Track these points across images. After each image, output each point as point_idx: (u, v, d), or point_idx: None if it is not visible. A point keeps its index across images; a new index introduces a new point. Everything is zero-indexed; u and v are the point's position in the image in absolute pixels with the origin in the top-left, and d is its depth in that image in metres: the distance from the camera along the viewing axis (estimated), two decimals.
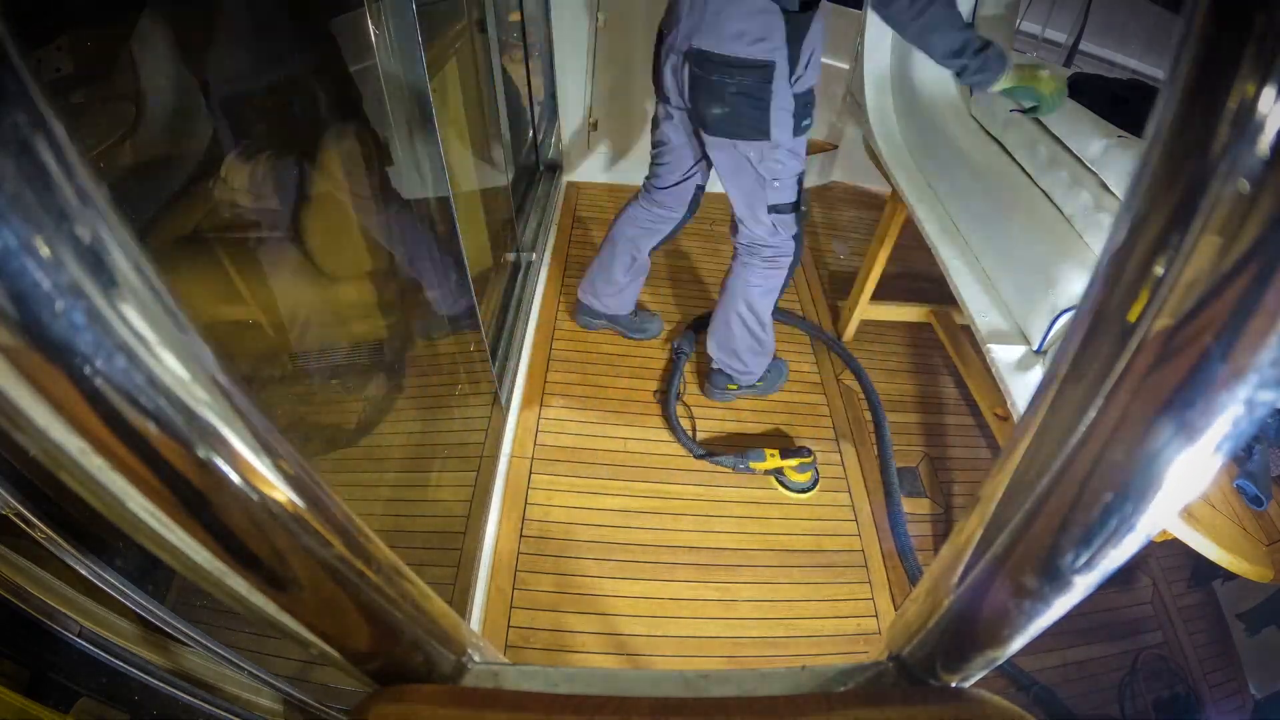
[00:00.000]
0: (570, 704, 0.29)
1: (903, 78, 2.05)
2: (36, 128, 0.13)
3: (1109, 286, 0.19)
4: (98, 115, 0.91)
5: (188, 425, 0.17)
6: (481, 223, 1.93)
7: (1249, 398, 0.16)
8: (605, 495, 1.76)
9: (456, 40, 1.70)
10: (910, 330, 2.44)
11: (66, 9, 0.78)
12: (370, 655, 0.28)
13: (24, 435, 0.15)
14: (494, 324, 1.92)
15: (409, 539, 1.49)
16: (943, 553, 0.29)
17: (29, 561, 0.58)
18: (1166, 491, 0.19)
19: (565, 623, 1.51)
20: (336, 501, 0.23)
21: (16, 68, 0.12)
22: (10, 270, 0.13)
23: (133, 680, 0.66)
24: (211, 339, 0.17)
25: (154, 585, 0.64)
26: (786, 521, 1.78)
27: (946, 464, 2.03)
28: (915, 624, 0.31)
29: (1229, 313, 0.16)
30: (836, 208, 3.24)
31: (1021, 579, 0.24)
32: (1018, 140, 1.61)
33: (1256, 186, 0.15)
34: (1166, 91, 0.16)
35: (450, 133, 1.71)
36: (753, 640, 1.53)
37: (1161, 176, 0.17)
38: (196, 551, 0.19)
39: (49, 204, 0.13)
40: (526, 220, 2.41)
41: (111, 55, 0.89)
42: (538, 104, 2.54)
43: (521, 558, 1.59)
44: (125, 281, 0.15)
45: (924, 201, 1.85)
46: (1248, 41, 0.14)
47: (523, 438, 1.85)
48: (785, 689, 0.32)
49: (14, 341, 0.13)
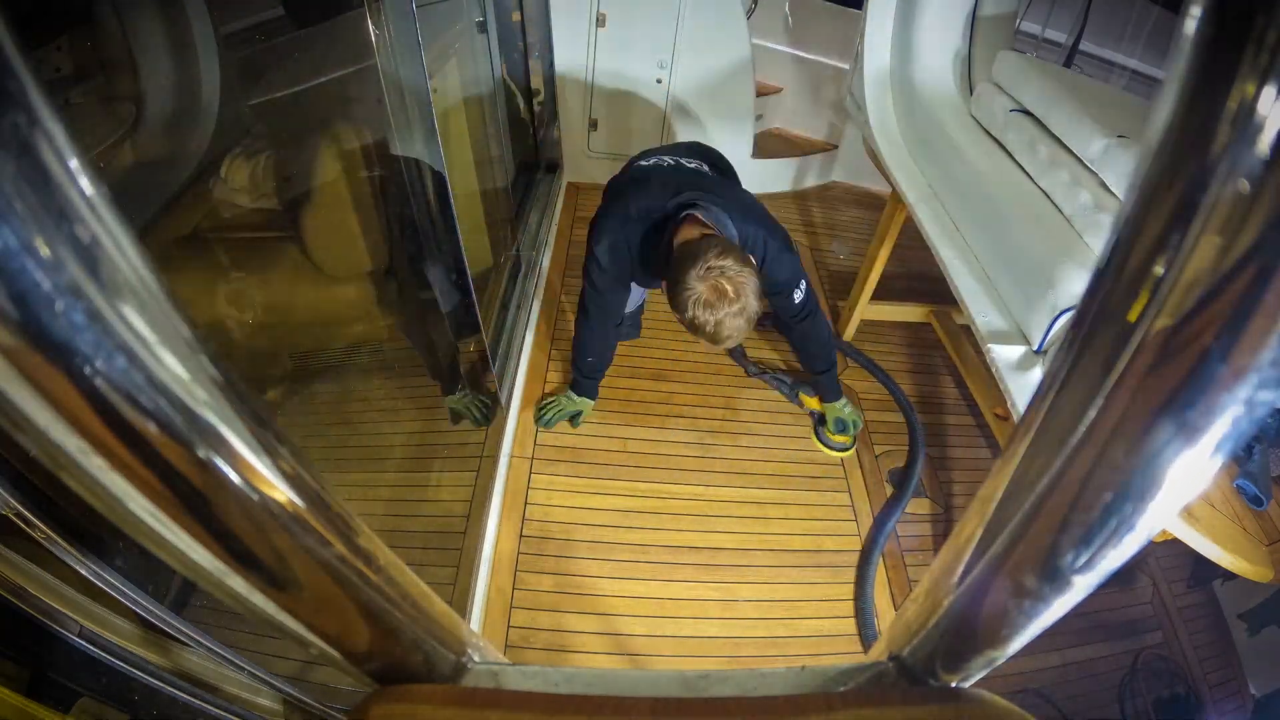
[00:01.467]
0: (570, 704, 0.29)
1: (903, 78, 2.05)
2: (36, 128, 0.13)
3: (1109, 286, 0.19)
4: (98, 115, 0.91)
5: (188, 425, 0.17)
6: (481, 223, 1.93)
7: (1249, 398, 0.16)
8: (605, 495, 1.76)
9: (456, 40, 1.70)
10: (910, 330, 2.44)
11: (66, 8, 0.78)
12: (370, 655, 0.28)
13: (24, 435, 0.15)
14: (494, 324, 1.92)
15: (409, 539, 1.49)
16: (943, 553, 0.29)
17: (29, 561, 0.58)
18: (1166, 491, 0.19)
19: (565, 623, 1.51)
20: (337, 501, 0.23)
21: (16, 68, 0.12)
22: (10, 270, 0.13)
23: (133, 680, 0.66)
24: (211, 339, 0.17)
25: (154, 585, 0.64)
26: (786, 521, 1.78)
27: (946, 464, 2.03)
28: (915, 624, 0.31)
29: (1229, 313, 0.16)
30: (836, 208, 3.24)
31: (1021, 579, 0.24)
32: (1018, 140, 1.61)
33: (1256, 186, 0.15)
34: (1166, 91, 0.16)
35: (450, 133, 1.71)
36: (753, 640, 1.53)
37: (1161, 176, 0.17)
38: (196, 551, 0.19)
39: (49, 204, 0.13)
40: (526, 220, 2.41)
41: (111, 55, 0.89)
42: (538, 104, 2.54)
43: (521, 558, 1.59)
44: (125, 281, 0.15)
45: (924, 201, 1.85)
46: (1248, 41, 0.14)
47: (523, 438, 1.85)
48: (785, 689, 0.32)
49: (14, 341, 0.13)
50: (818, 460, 1.95)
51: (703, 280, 1.28)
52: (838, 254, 2.88)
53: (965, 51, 2.01)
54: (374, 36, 1.14)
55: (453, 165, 1.47)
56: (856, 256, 2.75)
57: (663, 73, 2.69)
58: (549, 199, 2.68)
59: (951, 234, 1.73)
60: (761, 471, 1.89)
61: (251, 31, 1.27)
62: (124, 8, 0.93)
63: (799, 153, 3.32)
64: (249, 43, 1.27)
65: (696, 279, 1.29)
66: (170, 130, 1.02)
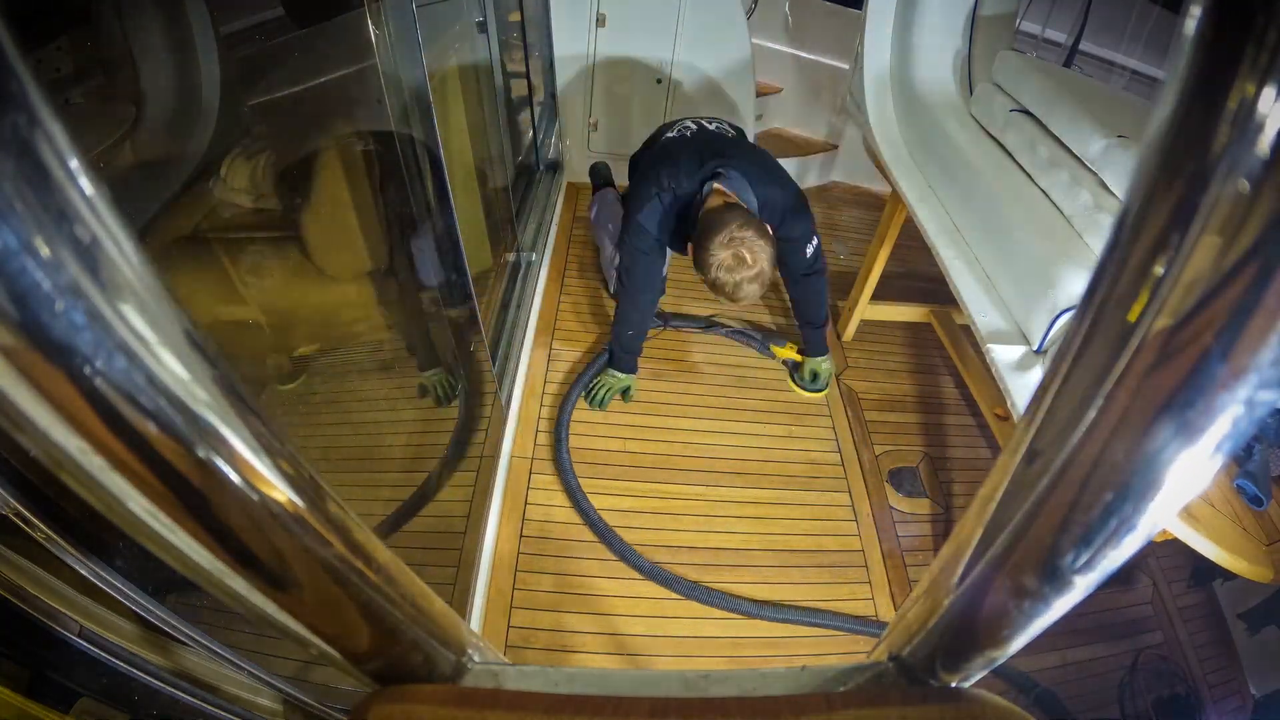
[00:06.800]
0: (570, 704, 0.29)
1: (903, 78, 2.05)
2: (36, 128, 0.13)
3: (1109, 286, 0.19)
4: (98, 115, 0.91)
5: (188, 425, 0.17)
6: (481, 223, 1.92)
7: (1249, 398, 0.16)
8: (605, 495, 1.75)
9: (456, 40, 1.70)
10: (910, 330, 2.44)
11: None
12: (370, 655, 0.28)
13: (24, 435, 0.15)
14: (494, 324, 1.92)
15: (409, 539, 1.49)
16: (943, 553, 0.29)
17: (29, 561, 0.58)
18: (1166, 491, 0.19)
19: (565, 623, 1.51)
20: (337, 501, 0.23)
21: (16, 68, 0.12)
22: (10, 270, 0.13)
23: (133, 680, 0.66)
24: (211, 339, 0.17)
25: (154, 585, 0.64)
26: (786, 521, 1.78)
27: (946, 464, 2.03)
28: (915, 624, 0.31)
29: (1229, 313, 0.16)
30: (836, 208, 3.24)
31: (1021, 579, 0.24)
32: (1018, 140, 1.61)
33: (1256, 186, 0.15)
34: (1166, 91, 0.16)
35: (450, 133, 1.71)
36: (753, 640, 1.53)
37: (1161, 176, 0.17)
38: (196, 551, 0.19)
39: (49, 204, 0.13)
40: (526, 220, 2.41)
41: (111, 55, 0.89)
42: (538, 104, 2.54)
43: (521, 558, 1.59)
44: (125, 281, 0.15)
45: (924, 201, 1.85)
46: (1248, 41, 0.14)
47: (523, 438, 1.85)
48: (785, 689, 0.32)
49: (14, 341, 0.13)
50: (818, 460, 1.95)
51: (726, 248, 1.48)
52: (838, 254, 2.88)
53: (965, 51, 2.01)
54: (374, 36, 1.14)
55: (453, 165, 1.47)
56: (856, 256, 2.75)
57: (663, 73, 2.69)
58: (549, 199, 2.68)
59: (951, 234, 1.73)
60: (761, 471, 1.89)
61: (251, 31, 1.27)
62: (124, 8, 0.92)
63: (799, 153, 3.31)
64: (249, 43, 1.27)
65: (720, 246, 1.48)
66: (170, 130, 1.02)
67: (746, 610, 1.56)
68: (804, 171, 3.30)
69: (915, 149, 2.01)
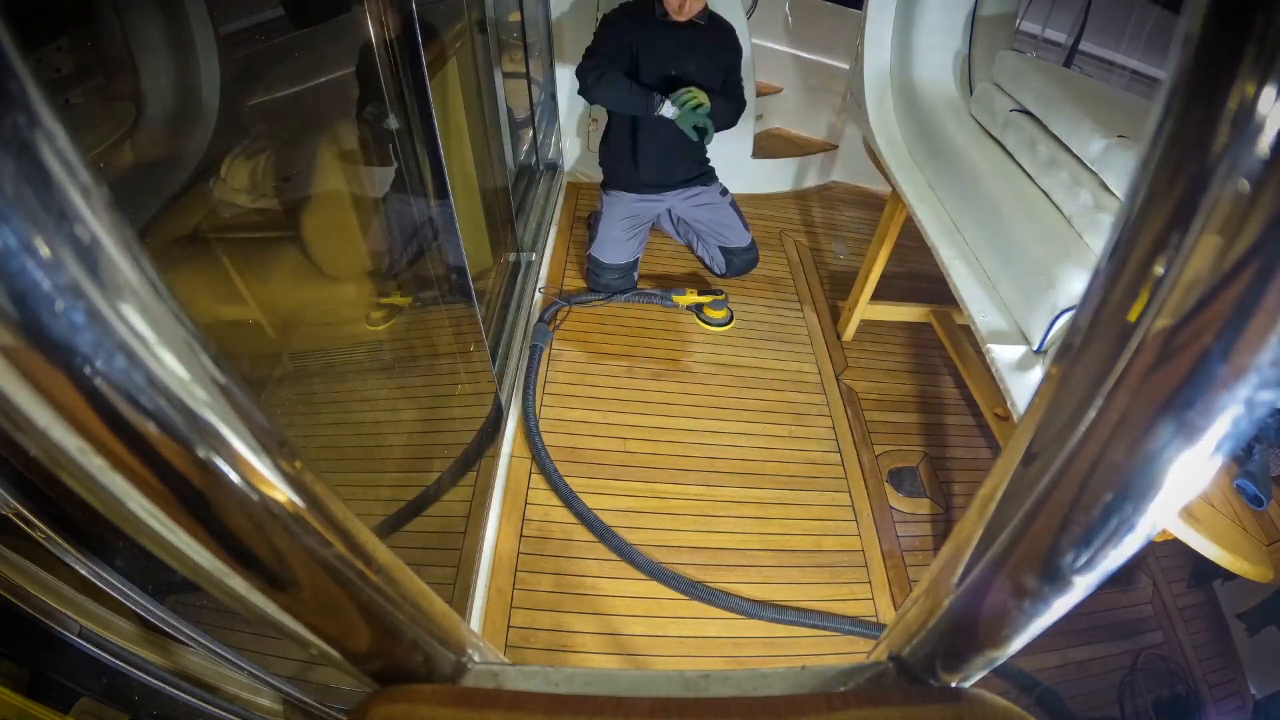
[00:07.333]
0: (570, 704, 0.29)
1: (903, 78, 2.05)
2: (36, 128, 0.13)
3: (1109, 286, 0.19)
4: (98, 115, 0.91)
5: (188, 425, 0.17)
6: (481, 223, 1.93)
7: (1249, 398, 0.16)
8: (605, 495, 1.76)
9: (456, 40, 1.70)
10: (910, 330, 2.44)
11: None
12: (370, 655, 0.28)
13: (24, 435, 0.15)
14: (494, 324, 1.92)
15: (409, 539, 1.49)
16: (943, 553, 0.29)
17: (29, 561, 0.58)
18: (1166, 491, 0.19)
19: (565, 623, 1.51)
20: (337, 501, 0.23)
21: (16, 68, 0.12)
22: (10, 270, 0.13)
23: (133, 680, 0.66)
24: (211, 339, 0.17)
25: (154, 585, 0.64)
26: (786, 522, 1.78)
27: (946, 464, 2.03)
28: (915, 624, 0.31)
29: (1229, 313, 0.16)
30: (836, 208, 3.24)
31: (1021, 579, 0.24)
32: (1018, 140, 1.61)
33: (1256, 186, 0.15)
34: (1166, 91, 0.16)
35: (450, 133, 1.71)
36: (753, 640, 1.53)
37: (1161, 176, 0.17)
38: (196, 551, 0.19)
39: (49, 204, 0.13)
40: (526, 220, 2.41)
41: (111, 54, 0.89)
42: (538, 104, 2.54)
43: (521, 558, 1.59)
44: (125, 281, 0.15)
45: (924, 201, 1.85)
46: (1248, 41, 0.14)
47: (523, 438, 1.85)
48: (785, 689, 0.32)
49: (14, 341, 0.13)
50: (817, 460, 1.95)
51: None
52: (838, 254, 2.88)
53: (965, 51, 2.01)
54: (374, 36, 1.14)
55: (452, 165, 1.47)
56: (856, 256, 2.75)
57: None
58: (549, 199, 2.68)
59: (951, 234, 1.73)
60: (761, 471, 1.89)
61: (251, 31, 1.27)
62: (124, 8, 0.92)
63: (799, 153, 3.32)
64: (249, 43, 1.27)
65: None
66: (170, 130, 1.02)
67: (746, 610, 1.55)
68: (804, 171, 3.30)
69: (915, 149, 2.01)
